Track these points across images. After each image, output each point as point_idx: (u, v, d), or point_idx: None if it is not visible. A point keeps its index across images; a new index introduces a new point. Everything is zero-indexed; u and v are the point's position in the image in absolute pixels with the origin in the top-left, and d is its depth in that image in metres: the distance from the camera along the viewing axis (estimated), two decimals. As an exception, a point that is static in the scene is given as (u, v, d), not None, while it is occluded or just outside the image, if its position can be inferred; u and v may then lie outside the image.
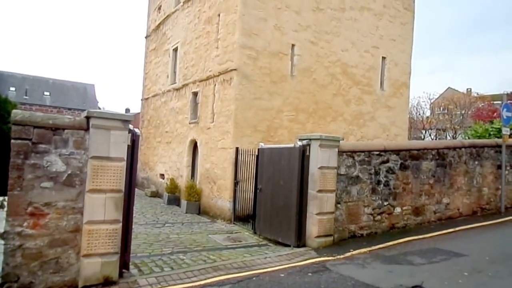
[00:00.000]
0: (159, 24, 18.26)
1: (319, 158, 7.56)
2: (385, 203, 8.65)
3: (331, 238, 7.67)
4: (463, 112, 37.07)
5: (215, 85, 12.56)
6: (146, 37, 20.32)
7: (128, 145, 5.46)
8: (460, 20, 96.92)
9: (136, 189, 6.99)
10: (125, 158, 5.37)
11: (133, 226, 6.10)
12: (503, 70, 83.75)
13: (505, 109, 11.05)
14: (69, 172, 4.98)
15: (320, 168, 7.54)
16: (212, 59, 12.83)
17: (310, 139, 7.81)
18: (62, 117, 5.22)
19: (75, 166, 5.02)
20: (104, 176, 5.15)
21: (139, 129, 19.92)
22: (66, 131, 5.00)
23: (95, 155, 5.09)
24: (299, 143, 7.84)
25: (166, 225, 10.63)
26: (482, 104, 36.89)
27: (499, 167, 10.99)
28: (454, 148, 10.19)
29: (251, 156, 10.25)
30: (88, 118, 5.14)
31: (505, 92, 15.03)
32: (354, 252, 6.99)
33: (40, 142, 4.81)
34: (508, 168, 11.33)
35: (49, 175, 4.85)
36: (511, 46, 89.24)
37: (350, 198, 8.10)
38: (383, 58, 15.05)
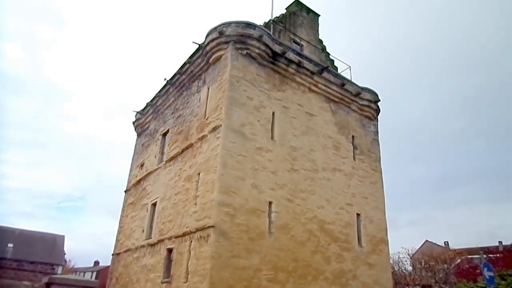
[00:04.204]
0: (140, 179, 18.81)
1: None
2: None
3: None
4: (445, 266, 36.44)
5: (191, 241, 12.23)
6: (125, 191, 20.60)
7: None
8: (430, 176, 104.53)
9: None
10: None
11: None
12: (478, 222, 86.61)
13: (485, 269, 10.96)
14: None
15: None
16: (189, 215, 12.84)
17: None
18: (19, 284, 4.79)
19: None
20: None
21: (106, 287, 18.35)
22: (19, 302, 4.51)
23: (47, 331, 4.48)
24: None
25: None
26: (461, 259, 36.68)
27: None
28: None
29: (226, 323, 9.25)
30: (49, 284, 4.74)
31: (480, 248, 15.20)
32: None
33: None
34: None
35: None
36: (481, 200, 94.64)
37: None
38: (358, 214, 15.49)
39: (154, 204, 16.34)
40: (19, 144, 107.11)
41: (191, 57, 16.49)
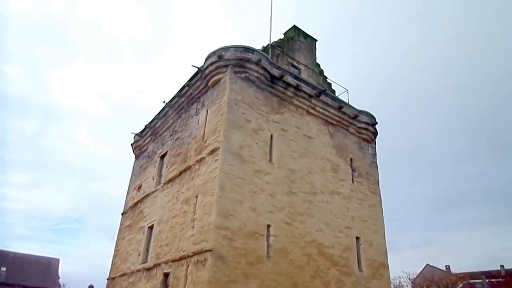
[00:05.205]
0: (137, 202, 18.62)
1: None
2: None
3: None
4: (446, 291, 35.79)
5: (188, 266, 12.01)
6: (122, 214, 20.36)
7: None
8: (431, 198, 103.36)
9: None
10: None
11: None
12: (479, 244, 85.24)
13: (487, 294, 10.77)
14: None
15: None
16: (187, 239, 12.66)
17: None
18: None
19: None
20: None
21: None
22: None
23: None
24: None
25: None
26: (462, 283, 36.05)
27: None
28: None
29: None
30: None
31: (482, 272, 14.98)
32: None
33: None
34: None
35: None
36: (483, 222, 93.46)
37: None
38: (357, 238, 15.31)
39: (151, 227, 16.13)
40: (17, 165, 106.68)
41: (190, 80, 16.68)
